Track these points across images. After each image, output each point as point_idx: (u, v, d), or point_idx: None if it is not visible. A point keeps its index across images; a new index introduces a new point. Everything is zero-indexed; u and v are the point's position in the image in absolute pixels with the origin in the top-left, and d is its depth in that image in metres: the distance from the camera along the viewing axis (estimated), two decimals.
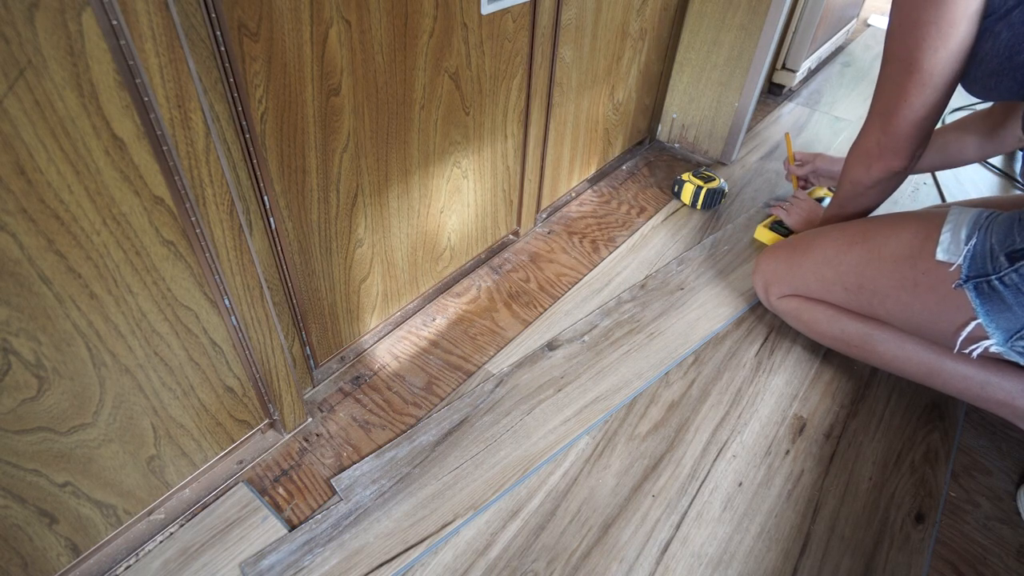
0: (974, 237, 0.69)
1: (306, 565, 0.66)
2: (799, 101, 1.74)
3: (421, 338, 0.94)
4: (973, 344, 0.71)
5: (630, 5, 1.09)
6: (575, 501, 0.74)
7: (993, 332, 0.68)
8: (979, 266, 0.67)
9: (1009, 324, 0.66)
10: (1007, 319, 0.66)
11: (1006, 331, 0.67)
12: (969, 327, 0.69)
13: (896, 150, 0.77)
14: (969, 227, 0.70)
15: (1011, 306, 0.65)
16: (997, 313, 0.66)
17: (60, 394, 0.52)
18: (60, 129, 0.43)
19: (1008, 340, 0.67)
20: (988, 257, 0.66)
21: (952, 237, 0.71)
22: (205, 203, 0.54)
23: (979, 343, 0.70)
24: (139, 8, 0.42)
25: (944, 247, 0.71)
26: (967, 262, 0.68)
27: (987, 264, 0.66)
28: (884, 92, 0.76)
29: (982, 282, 0.67)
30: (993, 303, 0.66)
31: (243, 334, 0.65)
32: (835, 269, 0.83)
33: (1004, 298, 0.65)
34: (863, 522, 0.75)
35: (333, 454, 0.78)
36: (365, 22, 0.63)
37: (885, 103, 0.76)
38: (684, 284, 1.07)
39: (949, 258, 0.70)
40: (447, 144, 0.84)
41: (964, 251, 0.69)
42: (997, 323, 0.67)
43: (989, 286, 0.66)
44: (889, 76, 0.74)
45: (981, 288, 0.67)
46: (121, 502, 0.64)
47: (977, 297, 0.67)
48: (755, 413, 0.86)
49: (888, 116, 0.75)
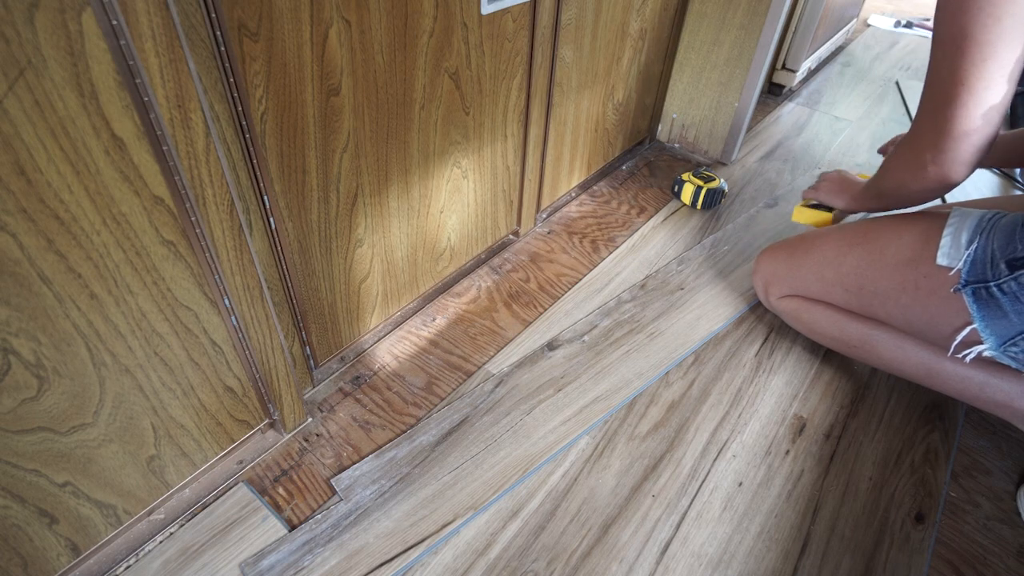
0: (975, 241, 0.68)
1: (306, 565, 0.66)
2: (799, 101, 1.74)
3: (421, 338, 0.94)
4: (967, 349, 0.71)
5: (630, 5, 1.09)
6: (575, 501, 0.74)
7: (987, 338, 0.68)
8: (979, 271, 0.67)
9: (1004, 331, 0.66)
10: (1002, 326, 0.66)
11: (1000, 337, 0.67)
12: (964, 332, 0.69)
13: (953, 154, 0.64)
14: (971, 231, 0.69)
15: (1007, 313, 0.65)
16: (993, 319, 0.66)
17: (60, 394, 0.52)
18: (60, 129, 0.43)
19: (1001, 346, 0.67)
20: (988, 263, 0.66)
21: (953, 241, 0.70)
22: (205, 203, 0.54)
23: (973, 348, 0.70)
24: (139, 8, 0.42)
25: (945, 251, 0.70)
26: (967, 267, 0.68)
27: (987, 270, 0.66)
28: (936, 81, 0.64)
29: (980, 288, 0.66)
30: (990, 309, 0.66)
31: (243, 334, 0.65)
32: (836, 270, 0.83)
33: (1001, 305, 0.65)
34: (863, 522, 0.75)
35: (333, 454, 0.78)
36: (365, 22, 0.63)
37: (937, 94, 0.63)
38: (684, 284, 1.07)
39: (950, 262, 0.70)
40: (447, 144, 0.84)
41: (964, 255, 0.68)
42: (992, 329, 0.67)
43: (987, 292, 0.66)
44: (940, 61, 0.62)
45: (979, 294, 0.67)
46: (121, 502, 0.64)
47: (975, 303, 0.67)
48: (755, 413, 0.86)
49: (942, 109, 0.63)
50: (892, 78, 1.91)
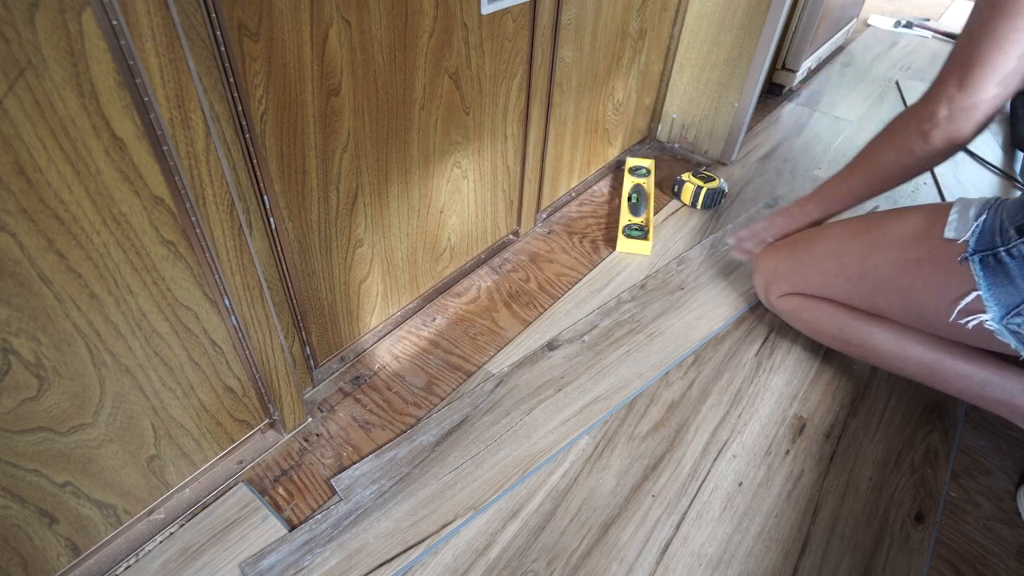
0: (984, 215, 0.69)
1: (306, 565, 0.66)
2: (799, 101, 1.74)
3: (421, 338, 0.94)
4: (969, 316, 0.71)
5: (630, 5, 1.09)
6: (575, 501, 0.74)
7: (992, 307, 0.68)
8: (987, 240, 0.68)
9: (1009, 299, 0.66)
10: (1008, 293, 0.66)
11: (1005, 306, 0.67)
12: (968, 298, 0.69)
13: (969, 112, 0.68)
14: (978, 207, 0.71)
15: (1014, 279, 0.65)
16: (999, 287, 0.67)
17: (60, 394, 0.52)
18: (60, 129, 0.43)
19: (1005, 316, 0.67)
20: (997, 231, 0.67)
21: (961, 216, 0.71)
22: (205, 203, 0.54)
23: (975, 316, 0.70)
24: (139, 8, 0.42)
25: (953, 225, 0.71)
26: (975, 236, 0.69)
27: (995, 238, 0.67)
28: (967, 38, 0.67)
29: (988, 255, 0.67)
30: (996, 276, 0.67)
31: (243, 334, 0.65)
32: (838, 260, 0.83)
33: (1009, 270, 0.66)
34: (863, 522, 0.75)
35: (333, 454, 0.78)
36: (365, 22, 0.63)
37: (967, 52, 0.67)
38: (684, 284, 1.07)
39: (957, 235, 0.70)
40: (447, 144, 0.84)
41: (973, 227, 0.69)
42: (997, 297, 0.67)
43: (995, 258, 0.67)
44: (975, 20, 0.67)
45: (987, 261, 0.67)
46: (121, 502, 0.64)
47: (982, 270, 0.68)
48: (755, 413, 0.86)
49: (970, 66, 0.67)
50: (892, 78, 1.91)
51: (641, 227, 1.15)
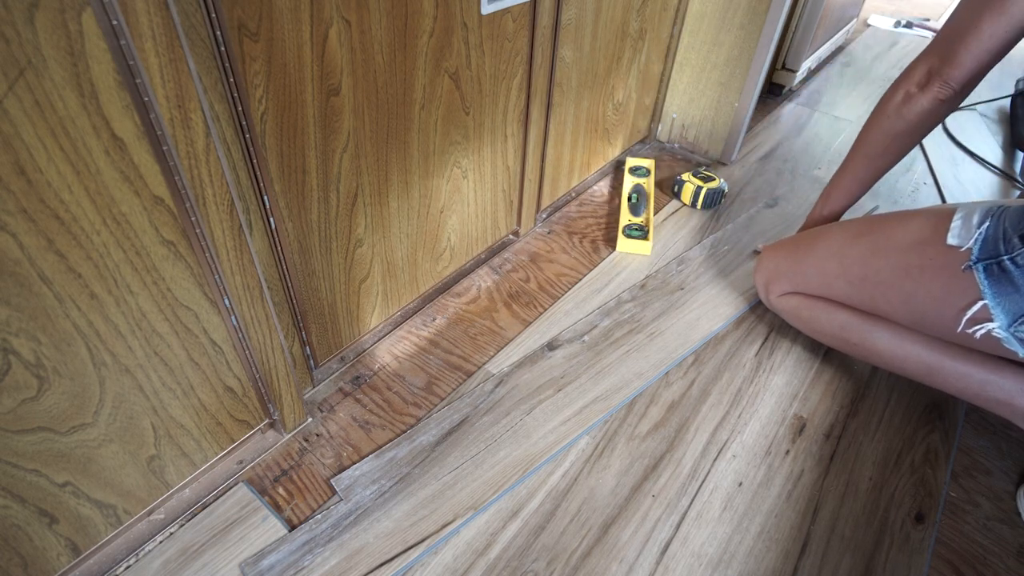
0: (987, 222, 0.69)
1: (306, 565, 0.66)
2: (799, 101, 1.74)
3: (421, 338, 0.94)
4: (976, 325, 0.71)
5: (630, 5, 1.09)
6: (575, 501, 0.74)
7: (998, 315, 0.68)
8: (991, 248, 0.68)
9: (1015, 307, 0.66)
10: (1014, 301, 0.66)
11: (1012, 314, 0.67)
12: (975, 307, 0.70)
13: (948, 79, 0.74)
14: (981, 214, 0.71)
15: (1020, 287, 0.65)
16: (1004, 295, 0.67)
17: (60, 394, 0.52)
18: (60, 129, 0.43)
19: (1012, 324, 0.67)
20: (1001, 239, 0.67)
21: (964, 223, 0.71)
22: (205, 203, 0.54)
23: (982, 325, 0.70)
24: (139, 8, 0.42)
25: (955, 232, 0.71)
26: (978, 245, 0.69)
27: (999, 246, 0.67)
28: (954, 20, 0.73)
29: (992, 263, 0.67)
30: (1001, 284, 0.67)
31: (243, 334, 0.65)
32: (840, 262, 0.83)
33: (1013, 279, 0.66)
34: (863, 522, 0.75)
35: (333, 454, 0.78)
36: (365, 22, 0.63)
37: (952, 30, 0.73)
38: (684, 284, 1.07)
39: (960, 242, 0.70)
40: (447, 144, 0.84)
41: (976, 235, 0.69)
42: (1003, 306, 0.67)
43: (999, 267, 0.67)
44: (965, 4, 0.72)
45: (991, 269, 0.67)
46: (121, 502, 0.64)
47: (987, 278, 0.68)
48: (755, 413, 0.86)
49: (952, 44, 0.72)
50: (892, 78, 1.91)
51: (641, 227, 1.15)
